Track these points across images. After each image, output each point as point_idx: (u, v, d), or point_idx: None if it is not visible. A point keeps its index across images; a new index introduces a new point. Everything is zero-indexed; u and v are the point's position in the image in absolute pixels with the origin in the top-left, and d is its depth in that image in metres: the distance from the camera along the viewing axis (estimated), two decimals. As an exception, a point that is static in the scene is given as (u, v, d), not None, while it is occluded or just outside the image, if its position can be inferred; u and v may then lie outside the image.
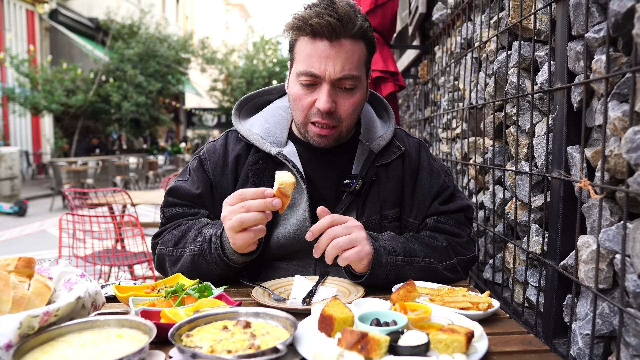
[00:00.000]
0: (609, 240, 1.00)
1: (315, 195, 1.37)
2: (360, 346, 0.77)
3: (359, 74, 1.25)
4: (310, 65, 1.22)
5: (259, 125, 1.41)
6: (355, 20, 1.21)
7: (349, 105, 1.27)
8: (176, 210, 1.40)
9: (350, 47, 1.22)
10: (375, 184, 1.37)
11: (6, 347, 0.76)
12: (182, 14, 28.71)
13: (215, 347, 0.79)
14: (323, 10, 1.19)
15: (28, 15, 15.84)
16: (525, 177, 1.49)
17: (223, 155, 1.41)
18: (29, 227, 8.15)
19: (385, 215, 1.37)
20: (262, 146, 1.36)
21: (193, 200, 1.40)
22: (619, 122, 0.95)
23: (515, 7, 1.52)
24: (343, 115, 1.28)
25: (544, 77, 1.34)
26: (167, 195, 1.43)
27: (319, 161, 1.40)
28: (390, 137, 1.41)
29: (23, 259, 0.98)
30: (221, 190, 1.39)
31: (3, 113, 14.55)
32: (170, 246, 1.32)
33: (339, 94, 1.26)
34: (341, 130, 1.31)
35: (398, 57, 5.13)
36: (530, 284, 1.47)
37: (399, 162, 1.40)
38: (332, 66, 1.21)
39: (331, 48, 1.21)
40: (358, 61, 1.25)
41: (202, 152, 1.45)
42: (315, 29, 1.20)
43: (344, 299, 1.12)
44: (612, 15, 0.96)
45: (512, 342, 0.91)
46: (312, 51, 1.22)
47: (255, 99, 1.50)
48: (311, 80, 1.24)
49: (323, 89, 1.23)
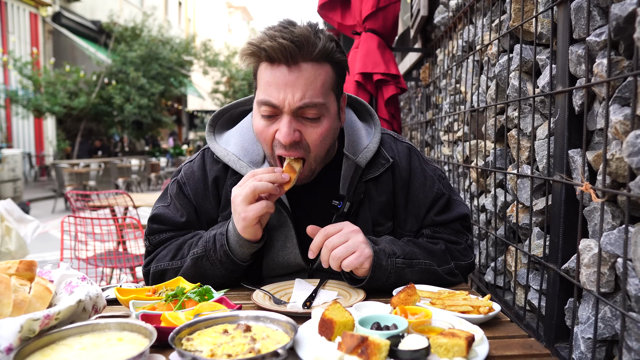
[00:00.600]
0: (611, 244, 1.00)
1: (302, 218, 1.29)
2: (360, 350, 0.77)
3: (323, 100, 1.14)
4: (268, 94, 1.12)
5: (234, 143, 1.32)
6: (316, 41, 1.11)
7: (316, 136, 1.16)
8: (164, 236, 1.34)
9: (312, 71, 1.12)
10: (365, 201, 1.31)
11: (7, 351, 0.76)
12: (184, 16, 28.80)
13: (216, 351, 0.79)
14: (277, 33, 1.10)
15: (31, 18, 15.91)
16: (526, 180, 1.48)
17: (202, 177, 1.34)
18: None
19: (378, 232, 1.33)
20: (237, 168, 1.28)
21: (179, 227, 1.35)
22: (621, 125, 0.95)
23: (516, 10, 1.52)
24: (311, 145, 1.18)
25: (546, 80, 1.33)
26: (150, 223, 1.36)
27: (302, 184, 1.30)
28: (376, 146, 1.32)
29: (24, 262, 0.98)
30: (205, 214, 1.35)
31: (6, 115, 14.60)
32: (168, 260, 1.29)
33: (304, 124, 1.16)
34: (309, 162, 1.21)
35: (400, 59, 5.13)
36: (532, 287, 1.47)
37: (389, 175, 1.32)
38: (291, 94, 1.10)
39: (289, 74, 1.10)
40: (322, 86, 1.14)
41: (180, 175, 1.37)
42: (269, 54, 1.10)
43: (345, 303, 1.12)
44: (614, 19, 0.96)
45: (513, 346, 0.91)
46: (270, 78, 1.12)
47: (230, 111, 1.41)
48: (271, 110, 1.14)
49: (283, 119, 1.13)
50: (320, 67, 1.14)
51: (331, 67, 1.17)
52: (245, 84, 22.49)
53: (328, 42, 1.14)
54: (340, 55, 1.18)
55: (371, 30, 2.76)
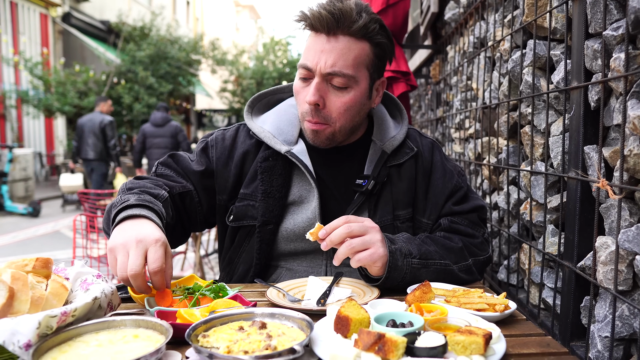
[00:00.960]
0: (629, 241, 0.99)
1: (327, 194, 1.36)
2: (377, 347, 0.76)
3: (353, 73, 1.22)
4: (306, 57, 1.23)
5: (270, 122, 1.40)
6: (357, 18, 1.19)
7: (339, 104, 1.25)
8: (166, 171, 1.40)
9: (347, 44, 1.21)
10: (387, 185, 1.36)
11: (26, 347, 0.76)
12: (192, 15, 28.90)
13: (232, 348, 0.79)
14: (322, 4, 1.20)
15: (41, 19, 16.06)
16: (540, 178, 1.47)
17: (230, 146, 1.41)
18: (43, 227, 8.24)
19: (397, 216, 1.36)
20: (272, 144, 1.35)
21: (186, 173, 1.40)
22: (639, 121, 0.93)
23: (530, 5, 1.51)
24: (333, 114, 1.26)
25: (560, 76, 1.32)
26: (168, 156, 1.44)
27: (330, 160, 1.39)
28: (402, 137, 1.40)
29: (40, 259, 0.99)
30: (220, 180, 1.39)
31: (17, 115, 14.75)
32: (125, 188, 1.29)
33: (330, 91, 1.24)
34: (334, 129, 1.29)
35: (410, 56, 5.11)
36: (547, 285, 1.46)
37: (412, 163, 1.38)
38: (324, 60, 1.20)
39: (327, 43, 1.20)
40: (355, 60, 1.22)
41: (210, 138, 1.45)
42: (312, 22, 1.21)
43: (359, 300, 1.11)
44: (632, 12, 0.95)
45: (530, 344, 0.90)
46: (310, 44, 1.23)
47: (268, 96, 1.50)
48: (306, 73, 1.24)
49: (313, 82, 1.23)
50: (357, 43, 1.22)
51: (370, 45, 1.24)
52: (253, 82, 22.50)
53: (371, 23, 1.22)
54: (381, 38, 1.26)
55: (381, 28, 2.75)
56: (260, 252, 1.35)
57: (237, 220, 1.38)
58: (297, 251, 1.37)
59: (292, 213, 1.36)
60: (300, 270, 1.37)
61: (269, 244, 1.35)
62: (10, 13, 14.66)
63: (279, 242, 1.36)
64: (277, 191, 1.34)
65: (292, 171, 1.37)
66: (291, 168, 1.37)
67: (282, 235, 1.35)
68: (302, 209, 1.35)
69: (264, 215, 1.34)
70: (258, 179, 1.35)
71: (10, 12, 14.69)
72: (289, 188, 1.36)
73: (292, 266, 1.38)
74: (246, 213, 1.36)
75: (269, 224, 1.34)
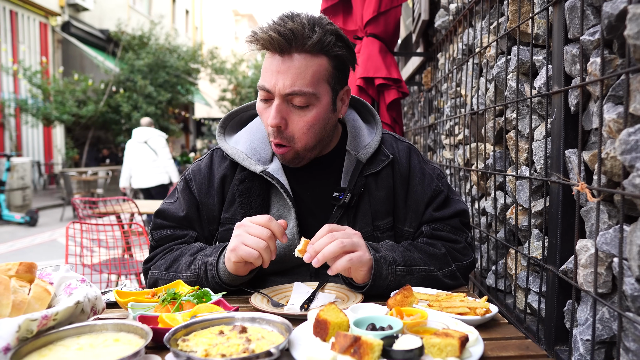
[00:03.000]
0: (607, 244, 1.00)
1: (304, 211, 1.35)
2: (353, 350, 0.77)
3: (313, 90, 1.19)
4: (264, 79, 1.21)
5: (243, 142, 1.38)
6: (310, 34, 1.16)
7: (302, 124, 1.22)
8: (165, 233, 1.39)
9: (304, 62, 1.18)
10: (365, 195, 1.34)
11: (4, 350, 0.77)
12: (191, 24, 29.05)
13: (210, 351, 0.79)
14: (271, 25, 1.18)
15: (41, 28, 16.14)
16: (525, 182, 1.48)
17: (208, 175, 1.39)
18: (40, 236, 8.24)
19: (377, 226, 1.35)
20: (246, 165, 1.33)
21: (180, 222, 1.39)
22: (614, 124, 0.95)
23: (513, 12, 1.53)
24: (296, 134, 1.24)
25: (542, 81, 1.34)
26: (155, 218, 1.42)
27: (306, 175, 1.37)
28: (377, 144, 1.37)
29: (24, 264, 0.99)
30: (207, 211, 1.38)
31: (16, 124, 14.77)
32: (162, 270, 1.31)
33: (292, 111, 1.22)
34: (297, 149, 1.27)
35: (403, 64, 5.14)
36: (532, 289, 1.46)
37: (389, 171, 1.36)
38: (282, 81, 1.17)
39: (282, 63, 1.18)
40: (313, 77, 1.19)
41: (187, 173, 1.43)
42: (263, 44, 1.18)
43: (343, 305, 1.12)
44: (606, 17, 0.96)
45: (509, 347, 0.91)
46: (266, 65, 1.21)
47: (240, 114, 1.47)
48: (266, 95, 1.22)
49: (273, 104, 1.21)
50: (313, 59, 1.19)
51: (327, 59, 1.22)
52: (251, 91, 22.59)
53: (326, 36, 1.19)
54: (338, 50, 1.23)
55: (372, 35, 2.77)
56: None
57: None
58: (280, 269, 1.37)
59: None
60: (285, 281, 1.35)
61: None
62: (9, 22, 14.74)
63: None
64: (257, 213, 1.31)
65: (269, 190, 1.36)
66: (268, 187, 1.35)
67: None
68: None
69: None
70: (237, 202, 1.35)
71: (10, 21, 14.77)
72: (268, 208, 1.35)
73: (276, 279, 1.38)
74: (228, 237, 1.31)
75: None
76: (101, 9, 19.14)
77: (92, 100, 15.35)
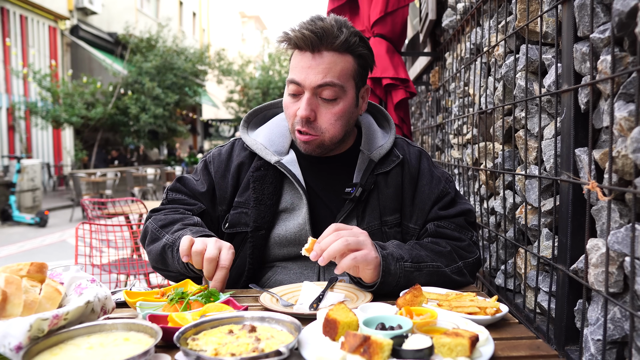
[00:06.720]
0: (618, 243, 0.99)
1: (316, 202, 1.41)
2: (362, 349, 0.77)
3: (341, 83, 1.29)
4: (294, 74, 1.30)
5: (262, 135, 1.48)
6: (338, 34, 1.26)
7: (330, 115, 1.31)
8: (178, 196, 1.49)
9: (332, 59, 1.28)
10: (374, 192, 1.40)
11: (17, 349, 0.78)
12: (199, 27, 29.19)
13: (220, 350, 0.79)
14: (304, 24, 1.27)
15: (50, 32, 16.31)
16: (534, 181, 1.47)
17: (227, 160, 1.49)
18: (50, 237, 8.31)
19: (385, 222, 1.40)
20: (263, 155, 1.42)
21: (195, 194, 1.48)
22: (625, 122, 0.94)
23: (522, 10, 1.52)
24: (324, 125, 1.32)
25: (551, 79, 1.33)
26: (176, 181, 1.53)
27: (320, 170, 1.45)
28: (390, 146, 1.45)
29: (35, 264, 1.00)
30: (220, 192, 1.46)
31: (26, 126, 14.94)
32: (158, 226, 1.38)
33: (321, 104, 1.31)
34: (323, 139, 1.34)
35: (411, 64, 5.13)
36: (542, 289, 1.45)
37: (398, 170, 1.43)
38: (312, 75, 1.27)
39: (313, 59, 1.27)
40: (341, 72, 1.29)
41: (208, 156, 1.53)
42: (295, 42, 1.27)
43: (352, 305, 1.11)
44: (616, 14, 0.95)
45: (520, 347, 0.90)
46: (297, 62, 1.30)
47: (263, 112, 1.57)
48: (295, 89, 1.30)
49: (304, 97, 1.29)
50: (340, 56, 1.29)
51: (352, 58, 1.32)
52: (259, 92, 22.64)
53: (351, 37, 1.29)
54: (362, 49, 1.33)
55: (380, 35, 2.77)
56: (253, 257, 1.39)
57: (231, 227, 1.43)
58: (290, 256, 1.41)
59: (283, 220, 1.41)
60: (295, 268, 1.40)
61: (261, 249, 1.40)
62: (19, 26, 14.91)
63: (272, 248, 1.41)
64: (269, 198, 1.40)
65: (283, 180, 1.43)
66: (282, 177, 1.43)
67: (274, 240, 1.40)
68: (293, 216, 1.40)
69: (255, 222, 1.39)
70: (250, 187, 1.42)
71: (20, 25, 14.94)
72: (280, 196, 1.42)
73: (286, 264, 1.42)
74: (239, 220, 1.42)
75: (260, 230, 1.39)
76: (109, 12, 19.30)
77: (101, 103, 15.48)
